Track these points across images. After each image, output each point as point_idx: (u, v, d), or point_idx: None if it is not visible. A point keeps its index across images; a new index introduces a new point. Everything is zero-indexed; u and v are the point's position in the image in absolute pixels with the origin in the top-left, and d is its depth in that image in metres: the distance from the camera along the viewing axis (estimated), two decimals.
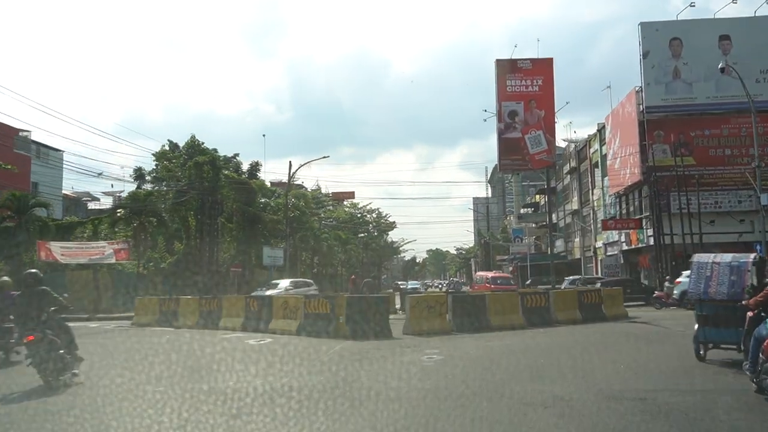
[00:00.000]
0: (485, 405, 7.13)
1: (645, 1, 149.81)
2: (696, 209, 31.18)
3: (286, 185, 42.73)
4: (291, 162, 41.82)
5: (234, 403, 7.17)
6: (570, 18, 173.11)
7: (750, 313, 8.49)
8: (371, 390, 7.93)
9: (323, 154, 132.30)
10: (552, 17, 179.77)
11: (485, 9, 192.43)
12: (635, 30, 36.07)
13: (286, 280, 30.08)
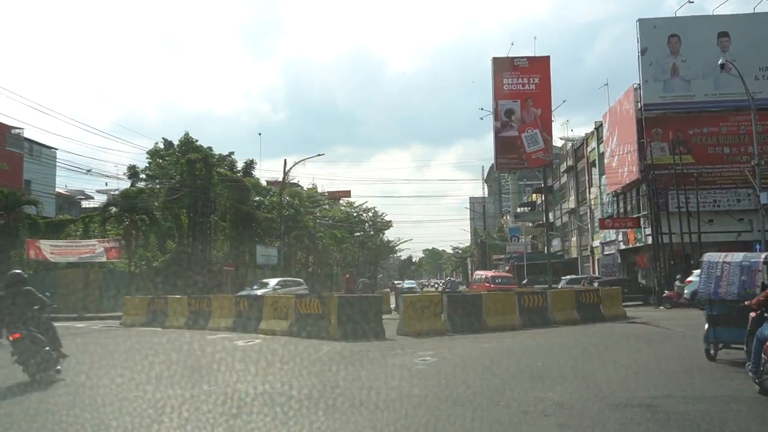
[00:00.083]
0: (480, 414, 6.66)
1: (643, 1, 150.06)
2: (694, 208, 30.83)
3: (281, 184, 42.32)
4: (286, 160, 41.28)
5: (202, 410, 6.78)
6: (567, 17, 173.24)
7: (752, 314, 8.39)
8: (354, 398, 7.36)
9: (320, 153, 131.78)
10: (550, 17, 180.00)
11: (483, 8, 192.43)
12: (632, 29, 35.78)
13: (274, 279, 29.60)
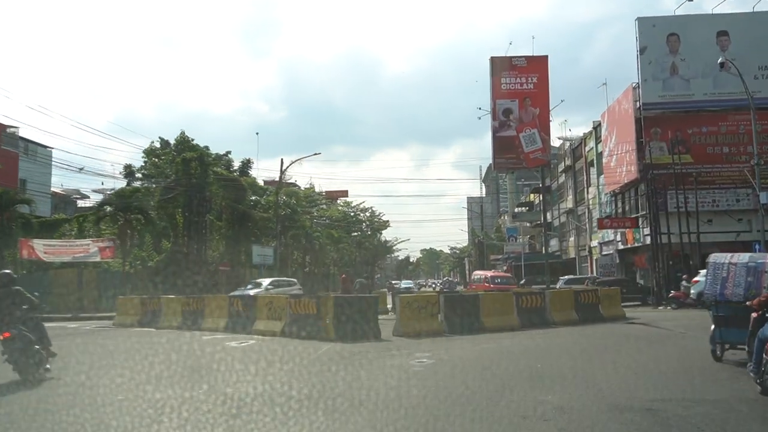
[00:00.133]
0: (478, 418, 6.43)
1: (641, 1, 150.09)
2: (693, 208, 30.66)
3: (278, 183, 42.10)
4: (282, 159, 41.11)
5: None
6: (566, 17, 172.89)
7: (754, 314, 8.35)
8: (347, 402, 7.10)
9: (316, 152, 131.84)
10: (548, 16, 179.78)
11: (481, 8, 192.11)
12: (631, 29, 35.56)
13: (267, 279, 29.35)
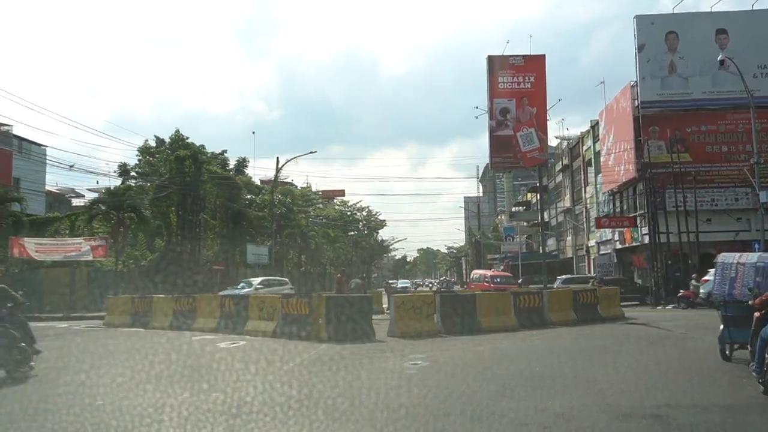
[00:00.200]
0: (473, 426, 6.08)
1: (639, 1, 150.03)
2: (692, 207, 30.36)
3: (273, 181, 41.76)
4: (278, 158, 40.70)
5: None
6: (564, 17, 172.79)
7: (756, 314, 8.27)
8: (334, 409, 6.70)
9: (312, 150, 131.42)
10: (546, 16, 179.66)
11: (479, 7, 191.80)
12: (628, 29, 35.43)
13: (256, 278, 28.92)
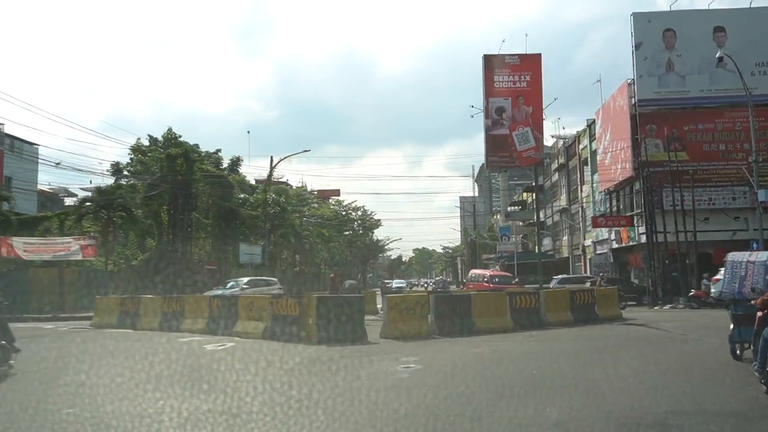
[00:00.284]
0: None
1: (637, 1, 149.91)
2: (689, 206, 30.05)
3: (267, 181, 41.33)
4: (272, 157, 40.33)
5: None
6: (560, 16, 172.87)
7: (759, 313, 8.21)
8: (320, 420, 6.27)
9: (306, 149, 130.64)
10: (543, 16, 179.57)
11: (476, 8, 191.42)
12: (625, 29, 35.38)
13: (243, 278, 28.50)
